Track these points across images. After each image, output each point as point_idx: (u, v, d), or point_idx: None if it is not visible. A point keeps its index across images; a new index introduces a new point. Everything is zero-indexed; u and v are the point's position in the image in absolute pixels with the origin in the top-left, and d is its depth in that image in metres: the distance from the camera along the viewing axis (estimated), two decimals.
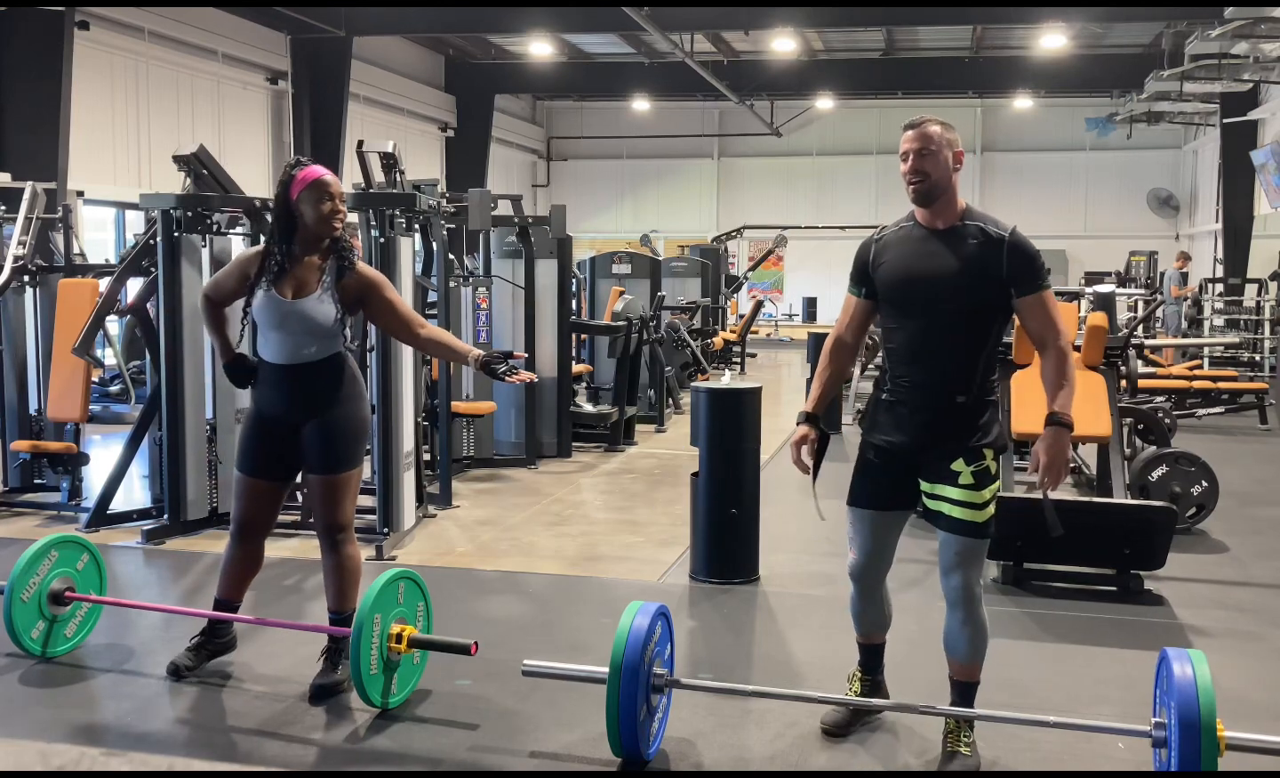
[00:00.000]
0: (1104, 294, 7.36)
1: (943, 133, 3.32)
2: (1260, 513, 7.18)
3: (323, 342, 3.91)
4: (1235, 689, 4.01)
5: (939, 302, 3.31)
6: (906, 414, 3.39)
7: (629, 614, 3.40)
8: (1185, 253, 18.67)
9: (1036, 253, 3.33)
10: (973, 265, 3.28)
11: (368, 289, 3.98)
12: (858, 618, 3.68)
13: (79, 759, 3.47)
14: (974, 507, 3.32)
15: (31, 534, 5.96)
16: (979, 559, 3.40)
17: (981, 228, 3.32)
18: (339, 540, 4.00)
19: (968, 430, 3.34)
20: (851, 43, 20.36)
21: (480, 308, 8.46)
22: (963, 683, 3.49)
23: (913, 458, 3.41)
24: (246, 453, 4.02)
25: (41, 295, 7.16)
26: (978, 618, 3.41)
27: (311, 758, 3.54)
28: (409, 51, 20.11)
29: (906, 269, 3.37)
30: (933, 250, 3.34)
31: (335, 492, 3.96)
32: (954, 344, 3.32)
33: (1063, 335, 3.32)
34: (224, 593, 4.16)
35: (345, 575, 4.02)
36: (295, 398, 3.93)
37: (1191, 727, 2.93)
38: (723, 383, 5.63)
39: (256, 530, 4.09)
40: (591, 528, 6.63)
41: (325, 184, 3.88)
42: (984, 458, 3.33)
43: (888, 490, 3.47)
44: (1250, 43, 14.00)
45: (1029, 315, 3.33)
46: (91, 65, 12.83)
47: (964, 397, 3.33)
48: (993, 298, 3.32)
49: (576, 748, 3.55)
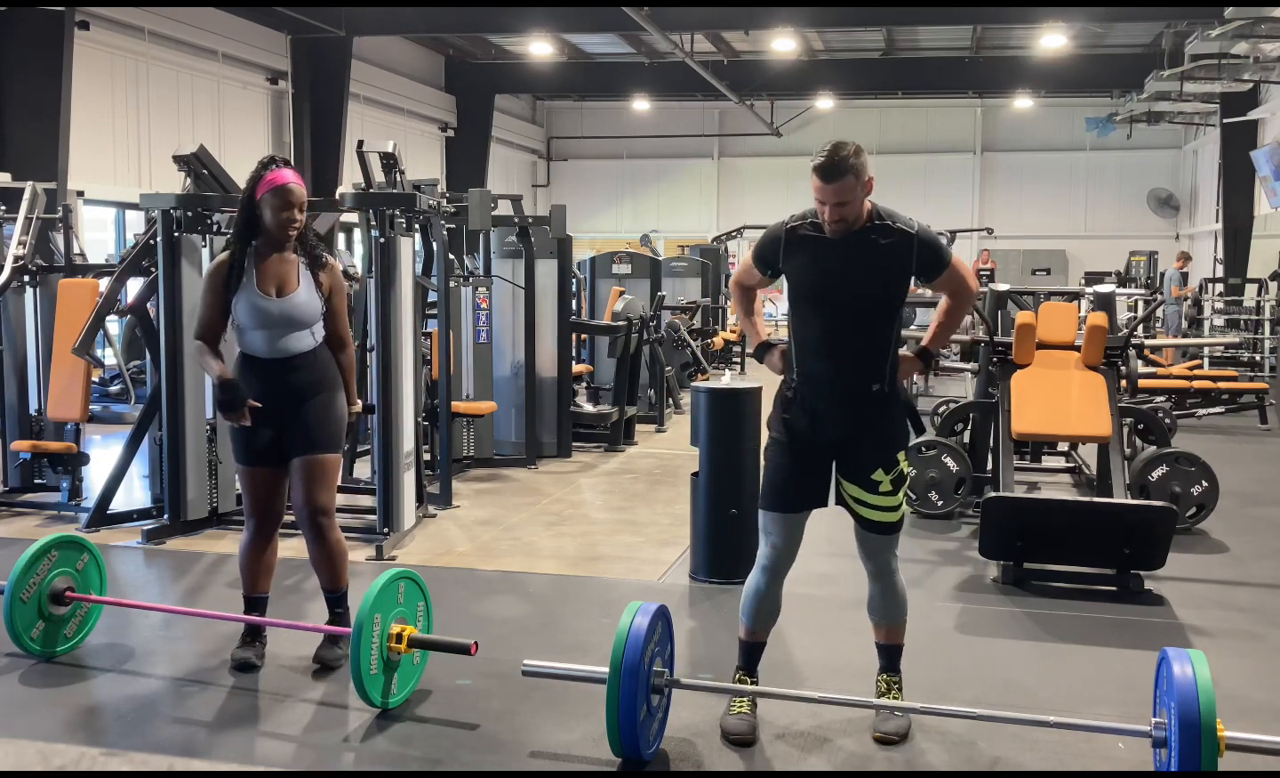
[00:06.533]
0: (1104, 294, 7.34)
1: (855, 178, 3.39)
2: (1260, 513, 7.17)
3: (304, 336, 4.04)
4: (1235, 689, 4.01)
5: (854, 300, 3.49)
6: (825, 409, 3.55)
7: (629, 614, 3.41)
8: (1185, 253, 18.67)
9: (939, 241, 3.58)
10: (885, 264, 3.48)
11: (333, 291, 4.14)
12: (755, 610, 3.72)
13: (79, 759, 3.47)
14: (890, 509, 3.61)
15: (31, 534, 5.95)
16: (895, 542, 3.70)
17: (889, 225, 3.49)
18: (323, 526, 4.11)
19: (885, 426, 3.57)
20: (851, 43, 20.36)
21: (480, 308, 8.46)
22: (889, 646, 3.78)
23: (831, 453, 3.60)
24: (242, 445, 4.11)
25: (42, 295, 7.15)
26: (897, 586, 3.72)
27: (311, 758, 3.54)
28: (409, 51, 20.10)
29: (823, 272, 3.51)
30: (845, 253, 3.47)
31: (319, 473, 4.07)
32: (869, 338, 3.52)
33: (970, 291, 3.67)
34: (253, 588, 4.22)
35: (334, 558, 4.17)
36: (281, 389, 4.03)
37: (1192, 727, 2.93)
38: (723, 383, 5.62)
39: (271, 517, 4.18)
40: (591, 528, 6.63)
41: (288, 192, 3.95)
42: (899, 463, 3.60)
43: (804, 492, 3.61)
44: (1250, 43, 14.01)
45: (942, 286, 3.65)
46: (92, 65, 12.83)
47: (879, 385, 3.53)
48: (903, 290, 3.57)
49: (576, 748, 3.55)
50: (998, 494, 5.55)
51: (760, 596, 3.69)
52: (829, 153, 3.39)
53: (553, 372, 8.81)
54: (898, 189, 23.90)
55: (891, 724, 3.62)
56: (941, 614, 4.97)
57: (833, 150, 3.39)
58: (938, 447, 6.72)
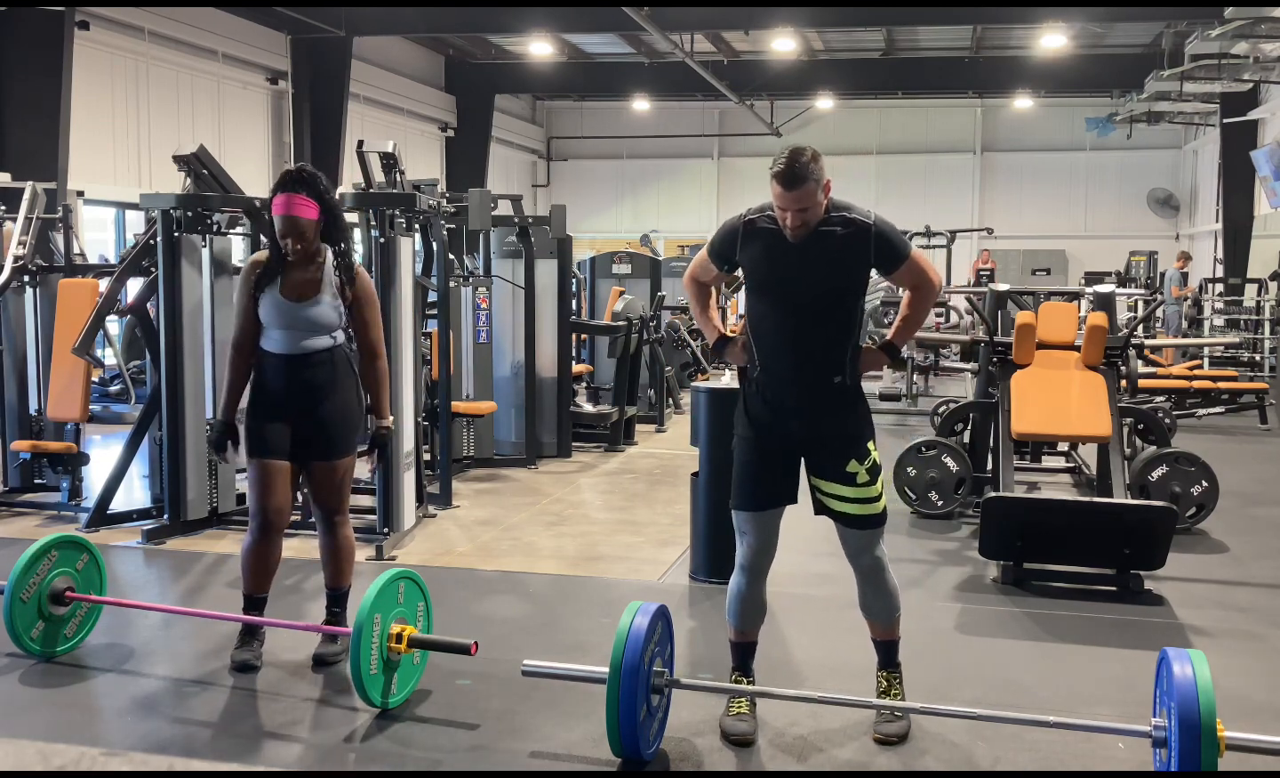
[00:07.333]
0: (1104, 294, 7.34)
1: (815, 184, 3.39)
2: (1260, 513, 7.18)
3: (324, 337, 4.11)
4: (1235, 689, 4.01)
5: (812, 294, 3.48)
6: (789, 404, 3.54)
7: (629, 614, 3.41)
8: (1186, 253, 18.65)
9: (897, 233, 3.56)
10: (843, 257, 3.47)
11: (361, 302, 4.19)
12: (740, 611, 3.72)
13: (79, 759, 3.47)
14: (871, 501, 3.58)
15: (31, 534, 5.95)
16: (880, 536, 3.66)
17: (845, 217, 3.49)
18: (337, 523, 4.26)
19: (849, 417, 3.56)
20: (851, 43, 20.35)
21: (480, 308, 8.46)
22: (886, 642, 3.77)
23: (797, 450, 3.60)
24: (257, 438, 4.12)
25: (41, 295, 7.16)
26: (888, 583, 3.69)
27: (311, 758, 3.54)
28: (409, 51, 20.10)
29: (783, 266, 3.49)
30: (803, 247, 3.46)
31: (335, 477, 4.19)
32: (829, 330, 3.52)
33: (932, 284, 3.62)
34: (253, 588, 4.21)
35: (343, 555, 4.29)
36: (295, 385, 4.10)
37: (1191, 727, 2.93)
38: (723, 383, 5.62)
39: (280, 515, 4.16)
40: (591, 528, 6.62)
41: (283, 222, 3.97)
42: (870, 452, 3.59)
43: (773, 489, 3.60)
44: (1250, 43, 14.00)
45: (902, 279, 3.63)
46: (92, 65, 12.82)
47: (840, 377, 3.53)
48: (861, 282, 3.57)
49: (576, 748, 3.55)
50: (998, 494, 5.55)
51: (743, 596, 3.69)
52: (788, 161, 3.36)
53: (553, 372, 8.81)
54: (898, 189, 23.93)
55: (892, 727, 3.62)
56: (941, 614, 4.98)
57: (791, 157, 3.37)
58: (938, 447, 6.72)
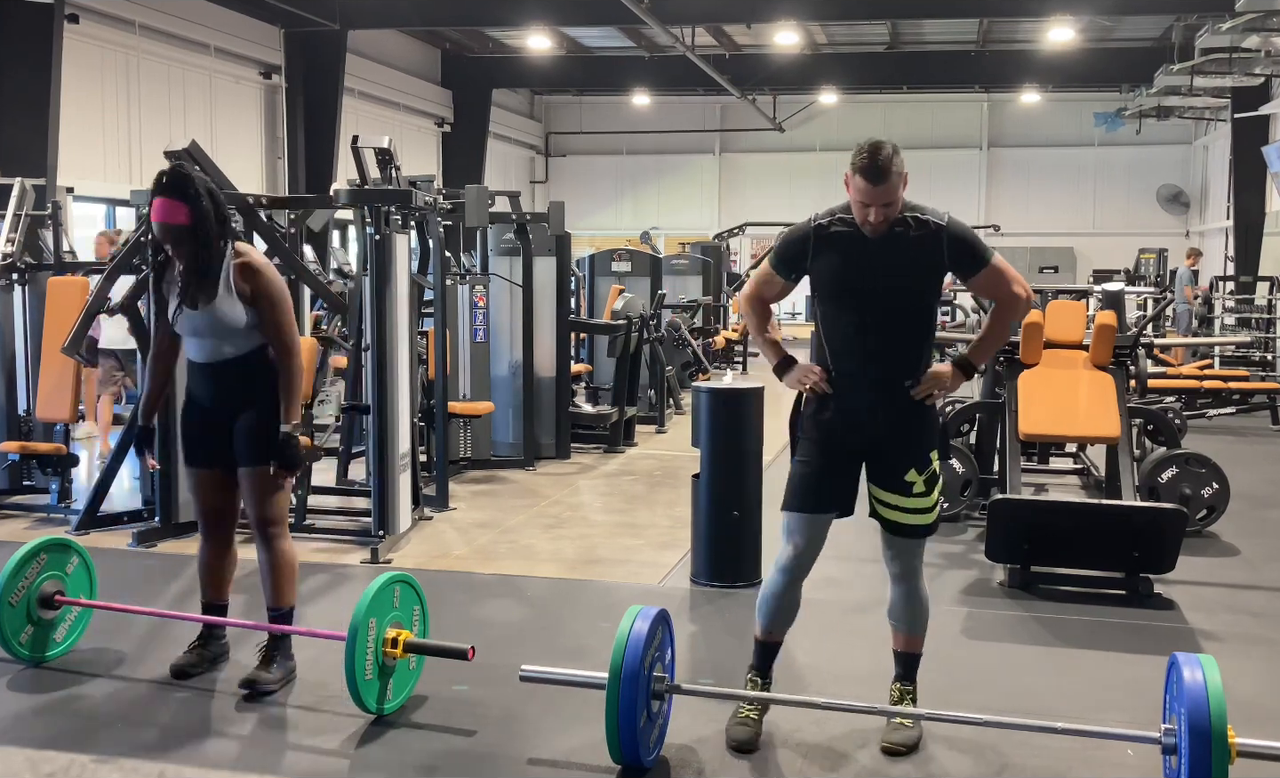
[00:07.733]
0: (1113, 292, 7.28)
1: (898, 177, 3.35)
2: (1272, 515, 7.13)
3: (238, 340, 3.94)
4: (1246, 695, 3.97)
5: (887, 298, 3.45)
6: (861, 407, 3.50)
7: (629, 618, 3.38)
8: (1196, 250, 18.51)
9: (973, 235, 3.51)
10: (916, 260, 3.44)
11: (257, 296, 3.90)
12: (772, 611, 3.66)
13: (69, 766, 3.43)
14: (924, 512, 3.55)
15: (20, 537, 5.89)
16: (923, 547, 3.64)
17: (918, 218, 3.45)
18: (271, 535, 4.02)
19: (917, 424, 3.52)
20: (855, 36, 20.27)
21: (478, 306, 8.41)
22: (907, 654, 3.70)
23: (861, 457, 3.56)
24: (189, 447, 4.10)
25: (30, 294, 7.10)
26: (921, 592, 3.65)
27: (305, 765, 3.52)
28: (404, 45, 20.02)
29: (858, 267, 3.45)
30: (877, 249, 3.42)
31: (257, 485, 3.97)
32: (902, 335, 3.49)
33: (1017, 298, 3.51)
34: (209, 596, 4.19)
35: (280, 572, 4.04)
36: (219, 393, 4.00)
37: (1202, 733, 2.91)
38: (724, 383, 5.58)
39: (220, 522, 4.12)
40: (591, 530, 6.57)
41: (158, 228, 3.81)
42: (931, 461, 3.55)
43: (832, 495, 3.57)
44: (1262, 36, 13.92)
45: (981, 289, 3.61)
46: (81, 59, 12.72)
47: (912, 381, 3.50)
48: (935, 286, 3.55)
49: (575, 755, 3.51)
50: (1005, 496, 5.52)
51: (778, 596, 3.64)
52: (870, 154, 3.33)
53: (551, 371, 8.75)
54: None
55: (900, 735, 3.55)
56: (948, 618, 4.91)
57: (873, 150, 3.34)
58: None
